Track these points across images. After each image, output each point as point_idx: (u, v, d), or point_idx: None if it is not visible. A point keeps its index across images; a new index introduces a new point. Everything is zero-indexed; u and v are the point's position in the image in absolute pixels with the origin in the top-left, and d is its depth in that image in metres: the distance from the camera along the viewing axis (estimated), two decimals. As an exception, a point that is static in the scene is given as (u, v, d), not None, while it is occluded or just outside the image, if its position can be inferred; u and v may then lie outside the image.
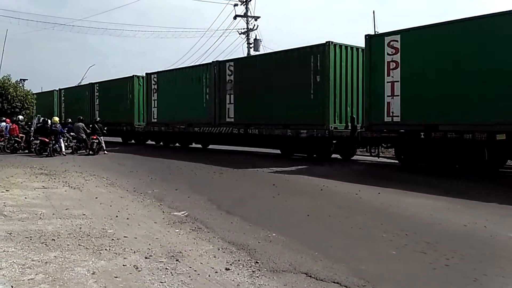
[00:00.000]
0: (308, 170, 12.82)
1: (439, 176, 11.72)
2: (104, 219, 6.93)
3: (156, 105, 22.83)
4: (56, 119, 19.68)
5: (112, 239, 5.78)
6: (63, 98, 31.56)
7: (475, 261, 5.15)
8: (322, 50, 14.66)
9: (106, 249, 5.34)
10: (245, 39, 33.55)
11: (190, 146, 22.75)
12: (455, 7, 66.06)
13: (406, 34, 12.40)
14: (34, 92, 32.35)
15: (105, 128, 20.95)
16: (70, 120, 22.41)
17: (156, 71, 23.09)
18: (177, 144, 23.27)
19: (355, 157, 16.34)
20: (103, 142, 19.53)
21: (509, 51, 10.43)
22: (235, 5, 33.47)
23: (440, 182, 10.86)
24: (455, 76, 11.42)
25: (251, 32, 33.49)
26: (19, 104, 31.45)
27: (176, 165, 14.64)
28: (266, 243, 5.86)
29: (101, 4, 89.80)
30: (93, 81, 28.48)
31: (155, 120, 22.87)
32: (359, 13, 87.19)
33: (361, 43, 14.08)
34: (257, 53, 31.52)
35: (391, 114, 12.67)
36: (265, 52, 20.75)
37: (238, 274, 4.69)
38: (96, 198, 8.80)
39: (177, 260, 5.05)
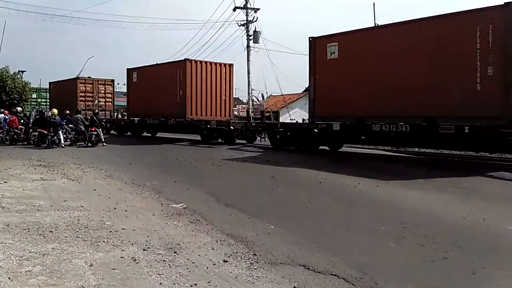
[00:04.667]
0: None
1: (438, 169, 11.71)
2: (102, 211, 6.92)
3: None
4: (55, 111, 19.61)
5: (110, 231, 5.77)
6: None
7: (473, 254, 5.15)
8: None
9: (104, 241, 5.33)
10: (245, 31, 33.34)
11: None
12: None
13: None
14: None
15: (103, 120, 20.89)
16: (68, 111, 22.30)
17: None
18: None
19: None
20: (101, 134, 19.51)
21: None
22: (235, -4, 33.23)
23: (439, 174, 10.86)
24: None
25: (250, 24, 33.28)
26: (17, 95, 31.40)
27: (175, 157, 14.62)
28: (264, 236, 5.86)
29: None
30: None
31: None
32: (359, 3, 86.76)
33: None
34: (257, 45, 31.48)
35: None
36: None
37: (236, 266, 4.69)
38: (95, 190, 8.78)
39: (175, 252, 5.04)
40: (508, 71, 10.93)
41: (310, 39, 15.55)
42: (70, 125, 19.94)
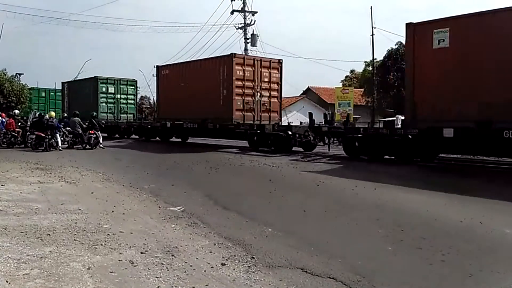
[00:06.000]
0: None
1: (435, 172, 11.74)
2: (100, 214, 6.91)
3: None
4: (53, 113, 19.59)
5: (108, 234, 5.76)
6: None
7: (471, 257, 5.17)
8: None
9: (101, 244, 5.32)
10: (242, 34, 33.41)
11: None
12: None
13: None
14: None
15: (103, 122, 20.90)
16: (66, 115, 22.30)
17: None
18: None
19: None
20: (100, 137, 19.52)
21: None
22: (233, -1, 33.23)
23: (436, 177, 10.89)
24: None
25: (248, 27, 33.34)
26: (14, 98, 31.35)
27: (173, 160, 14.62)
28: (262, 239, 5.86)
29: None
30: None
31: None
32: (358, 7, 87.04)
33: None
34: (254, 48, 31.45)
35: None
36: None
37: (234, 269, 4.69)
38: (92, 193, 8.77)
39: (173, 255, 5.04)
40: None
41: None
42: (68, 128, 19.93)
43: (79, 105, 26.17)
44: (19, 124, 20.34)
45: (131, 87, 28.17)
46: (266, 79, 18.85)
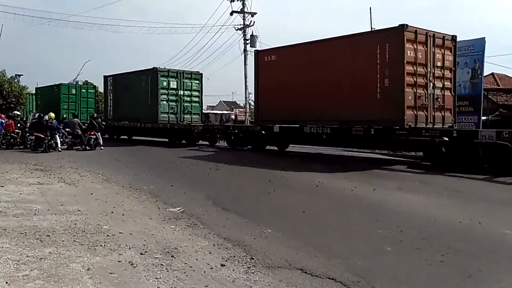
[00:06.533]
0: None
1: (434, 173, 11.74)
2: (100, 215, 6.91)
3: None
4: (52, 115, 19.60)
5: (107, 235, 5.76)
6: None
7: (470, 257, 5.18)
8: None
9: (101, 245, 5.32)
10: (242, 35, 33.43)
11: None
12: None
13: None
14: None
15: (103, 123, 20.91)
16: (65, 115, 22.25)
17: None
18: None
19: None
20: (100, 138, 19.52)
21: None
22: (232, 0, 33.32)
23: (435, 179, 10.90)
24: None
25: (247, 28, 33.38)
26: (14, 99, 31.37)
27: (172, 161, 14.63)
28: (261, 239, 5.86)
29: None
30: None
31: None
32: (357, 7, 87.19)
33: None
34: (254, 49, 31.42)
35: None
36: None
37: (234, 270, 4.69)
38: (92, 194, 8.77)
39: (172, 256, 5.04)
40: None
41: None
42: (67, 129, 19.93)
43: (130, 104, 22.54)
44: (19, 125, 20.34)
45: (196, 81, 22.80)
46: (439, 63, 13.31)
